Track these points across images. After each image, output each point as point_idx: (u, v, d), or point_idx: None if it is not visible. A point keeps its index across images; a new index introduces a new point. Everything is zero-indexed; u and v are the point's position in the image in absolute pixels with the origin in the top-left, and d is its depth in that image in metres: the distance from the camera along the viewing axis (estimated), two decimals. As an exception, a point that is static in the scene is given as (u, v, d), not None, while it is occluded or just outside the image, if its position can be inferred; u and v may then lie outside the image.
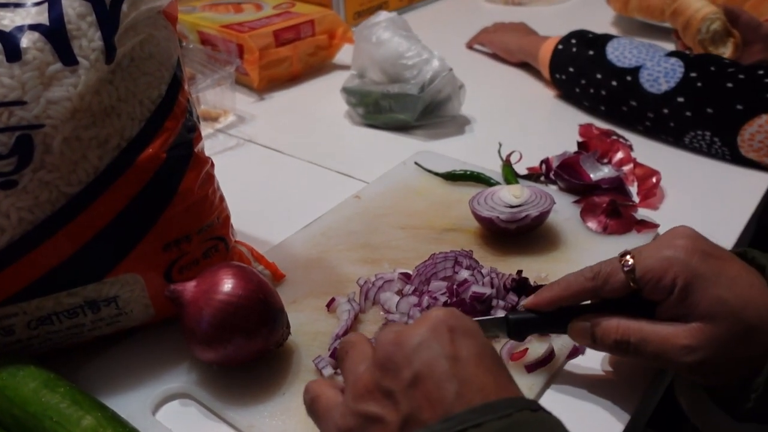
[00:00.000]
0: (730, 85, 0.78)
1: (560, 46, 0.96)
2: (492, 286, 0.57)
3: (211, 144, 0.90)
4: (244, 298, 0.49)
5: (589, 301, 0.50)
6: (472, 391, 0.35)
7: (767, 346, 0.44)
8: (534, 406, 0.35)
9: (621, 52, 0.87)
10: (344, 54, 1.14)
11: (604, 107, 0.90)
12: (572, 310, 0.50)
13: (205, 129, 0.93)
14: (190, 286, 0.51)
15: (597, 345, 0.49)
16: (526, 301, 0.52)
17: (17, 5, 0.47)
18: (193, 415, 0.51)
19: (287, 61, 1.06)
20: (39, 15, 0.47)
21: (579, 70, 0.92)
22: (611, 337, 0.48)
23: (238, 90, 1.03)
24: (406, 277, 0.60)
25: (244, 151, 0.89)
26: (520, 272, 0.58)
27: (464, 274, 0.58)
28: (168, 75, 0.53)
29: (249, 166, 0.85)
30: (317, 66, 1.12)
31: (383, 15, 0.94)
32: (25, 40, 0.46)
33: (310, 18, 1.08)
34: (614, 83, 0.87)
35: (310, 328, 0.57)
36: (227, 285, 0.50)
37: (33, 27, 0.46)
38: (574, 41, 0.94)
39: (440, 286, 0.57)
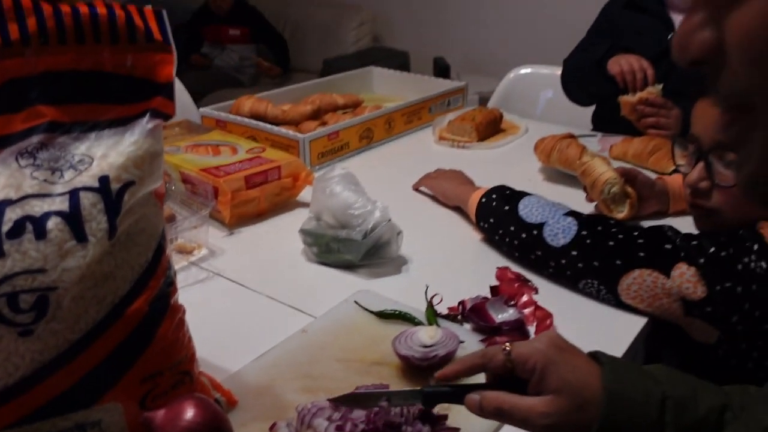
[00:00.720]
0: (611, 243, 0.96)
1: (483, 199, 1.14)
2: (402, 415, 0.71)
3: (184, 276, 1.05)
4: (202, 425, 0.63)
5: (483, 381, 0.68)
6: None
7: (594, 418, 0.60)
8: None
9: (530, 210, 1.06)
10: (306, 193, 1.32)
11: (517, 254, 1.08)
12: (471, 388, 0.67)
13: (180, 261, 1.09)
14: (160, 414, 0.65)
15: (483, 412, 0.65)
16: (438, 373, 0.68)
17: (47, 195, 0.63)
18: None
19: (255, 200, 1.24)
20: (62, 204, 0.63)
21: (497, 221, 1.10)
22: (492, 405, 0.64)
23: (211, 224, 1.19)
24: (335, 406, 0.74)
25: (212, 284, 1.04)
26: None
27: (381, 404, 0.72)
28: (154, 243, 0.69)
29: (215, 298, 1.00)
30: (281, 204, 1.30)
31: (337, 171, 1.13)
32: (51, 223, 0.62)
33: (278, 164, 1.27)
34: (524, 235, 1.05)
35: (255, 447, 0.71)
36: (188, 414, 0.64)
37: (57, 213, 0.62)
38: (494, 196, 1.13)
39: (360, 415, 0.71)
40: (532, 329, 0.92)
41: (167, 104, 0.68)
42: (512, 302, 0.97)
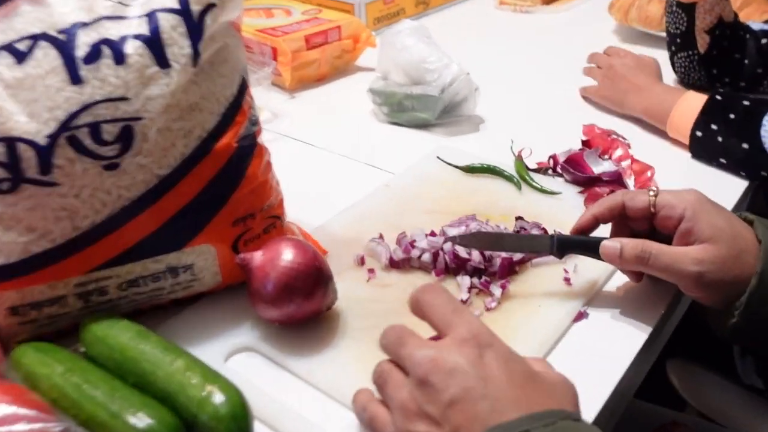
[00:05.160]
0: None
1: (698, 133, 0.90)
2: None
3: (250, 138, 1.00)
4: (303, 265, 0.59)
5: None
6: (505, 405, 0.42)
7: (751, 269, 0.56)
8: (575, 416, 0.43)
9: None
10: (365, 57, 1.23)
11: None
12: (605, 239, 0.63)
13: (244, 124, 1.03)
14: (258, 255, 0.60)
15: (622, 260, 0.60)
16: (573, 227, 0.65)
17: (122, 17, 0.57)
18: (258, 365, 0.61)
19: (316, 62, 1.16)
20: (140, 26, 0.56)
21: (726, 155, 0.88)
22: (635, 250, 0.59)
23: (272, 89, 1.12)
24: (431, 235, 0.71)
25: (280, 145, 0.99)
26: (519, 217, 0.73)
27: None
28: (238, 77, 0.63)
29: (286, 159, 0.94)
30: (342, 68, 1.22)
31: (407, 23, 1.04)
32: (129, 47, 0.56)
33: (337, 24, 1.18)
34: None
35: (351, 294, 0.67)
36: (289, 254, 0.60)
37: (136, 36, 0.56)
38: (715, 128, 0.88)
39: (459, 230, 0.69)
40: (630, 183, 0.86)
41: None
42: (606, 156, 0.90)
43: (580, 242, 0.65)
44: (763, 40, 1.03)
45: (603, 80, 1.06)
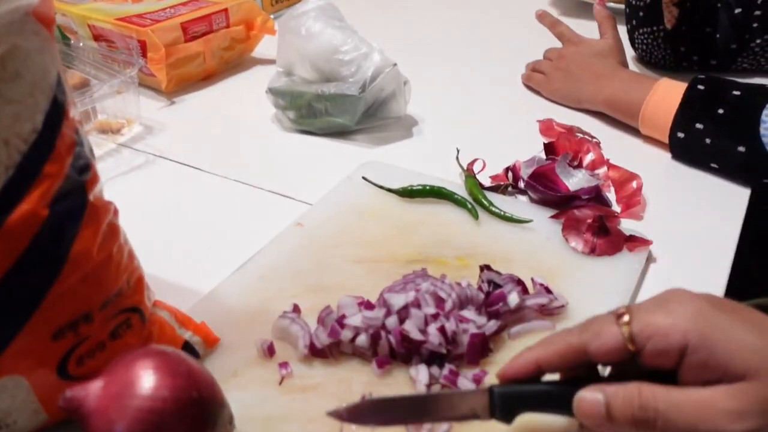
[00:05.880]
0: None
1: (680, 134, 0.72)
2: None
3: (113, 163, 0.75)
4: (172, 401, 0.37)
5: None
6: None
7: None
8: None
9: None
10: (263, 47, 1.00)
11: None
12: (578, 382, 0.39)
13: (105, 144, 0.78)
14: (94, 389, 0.37)
15: (613, 424, 0.37)
16: (500, 370, 0.41)
17: None
18: None
19: (199, 57, 0.92)
20: None
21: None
22: (631, 407, 0.37)
23: (143, 94, 0.87)
24: (368, 306, 0.49)
25: (154, 169, 0.75)
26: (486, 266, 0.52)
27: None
28: (45, 101, 0.39)
29: (161, 189, 0.71)
30: (234, 62, 0.98)
31: (312, 3, 0.81)
32: None
33: (223, 6, 0.94)
34: None
35: (258, 411, 0.45)
36: (147, 383, 0.37)
37: None
38: (700, 127, 0.70)
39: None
40: (611, 197, 0.67)
41: None
42: (575, 163, 0.71)
43: (538, 395, 0.40)
44: (737, 10, 0.86)
45: (553, 72, 0.88)
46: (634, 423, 0.37)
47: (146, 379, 0.37)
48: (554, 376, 0.41)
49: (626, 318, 0.37)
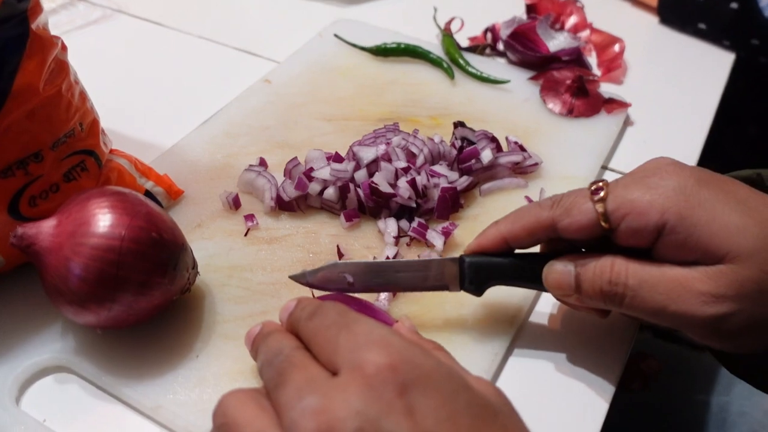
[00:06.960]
0: None
1: None
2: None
3: (67, 16, 0.70)
4: (130, 240, 0.35)
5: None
6: None
7: None
8: None
9: None
10: None
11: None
12: (548, 256, 0.38)
13: (58, -4, 0.73)
14: (47, 227, 0.36)
15: (581, 295, 0.36)
16: (467, 247, 0.39)
17: None
18: (74, 394, 0.38)
19: None
20: None
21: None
22: (600, 280, 0.35)
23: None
24: (336, 159, 0.48)
25: (112, 24, 0.70)
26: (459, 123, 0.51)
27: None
28: None
29: (121, 46, 0.67)
30: None
31: None
32: None
33: None
34: None
35: (223, 261, 0.44)
36: (103, 222, 0.36)
37: None
38: None
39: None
40: (592, 61, 0.65)
41: None
42: (557, 25, 0.68)
43: (509, 266, 0.38)
44: None
45: None
46: (602, 296, 0.36)
47: (102, 218, 0.36)
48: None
49: (602, 194, 0.35)
